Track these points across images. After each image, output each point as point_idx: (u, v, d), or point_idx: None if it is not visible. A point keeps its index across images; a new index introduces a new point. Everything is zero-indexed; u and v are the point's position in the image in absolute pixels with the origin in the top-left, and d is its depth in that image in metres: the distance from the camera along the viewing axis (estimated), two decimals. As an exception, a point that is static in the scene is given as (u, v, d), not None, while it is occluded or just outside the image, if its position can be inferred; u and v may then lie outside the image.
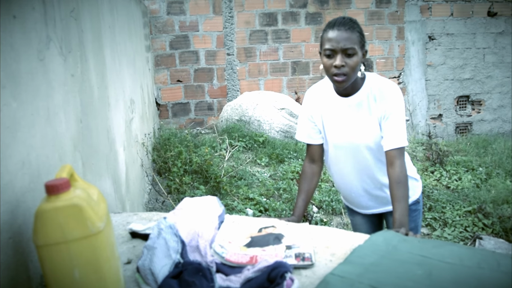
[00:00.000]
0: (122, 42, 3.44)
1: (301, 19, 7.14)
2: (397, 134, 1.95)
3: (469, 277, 1.12)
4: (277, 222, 1.57)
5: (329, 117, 2.10)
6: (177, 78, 6.87)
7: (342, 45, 1.86)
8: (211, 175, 4.28)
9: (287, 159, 5.24)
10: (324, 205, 4.35)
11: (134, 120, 3.68)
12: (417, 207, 2.27)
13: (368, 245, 1.35)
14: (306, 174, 2.19)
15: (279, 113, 5.89)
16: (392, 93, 1.98)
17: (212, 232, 1.40)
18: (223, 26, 6.92)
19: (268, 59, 7.13)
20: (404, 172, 1.92)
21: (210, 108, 7.05)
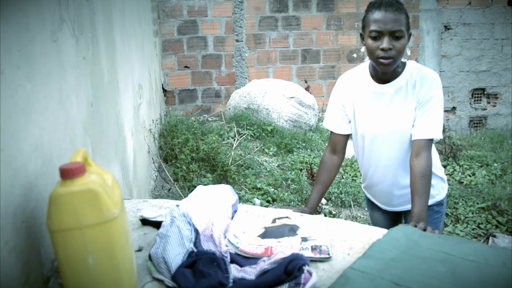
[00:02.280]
0: (132, 26, 3.43)
1: (312, 6, 7.09)
2: (431, 124, 1.90)
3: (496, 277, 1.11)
4: (291, 213, 1.57)
5: (362, 105, 2.04)
6: (184, 64, 6.86)
7: (390, 27, 1.81)
8: (219, 163, 4.29)
9: (295, 149, 5.23)
10: (333, 197, 4.35)
11: (142, 106, 3.68)
12: (440, 209, 2.21)
13: (388, 240, 1.34)
14: (325, 165, 2.13)
15: (288, 102, 5.87)
16: (434, 81, 1.92)
17: (226, 222, 1.40)
18: (232, 11, 6.89)
19: (278, 46, 7.09)
20: (429, 166, 1.87)
21: (217, 95, 7.04)
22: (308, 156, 4.97)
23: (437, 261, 1.21)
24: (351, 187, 4.45)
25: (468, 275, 1.12)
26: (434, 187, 2.13)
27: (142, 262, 1.22)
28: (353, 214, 4.20)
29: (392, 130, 1.99)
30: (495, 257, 1.22)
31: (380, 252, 1.27)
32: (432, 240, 1.35)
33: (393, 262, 1.20)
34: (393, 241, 1.33)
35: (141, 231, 1.42)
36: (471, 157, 5.58)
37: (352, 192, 4.38)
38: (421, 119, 1.91)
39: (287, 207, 1.95)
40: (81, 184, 0.92)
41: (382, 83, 1.98)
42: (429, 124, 1.89)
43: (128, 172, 2.73)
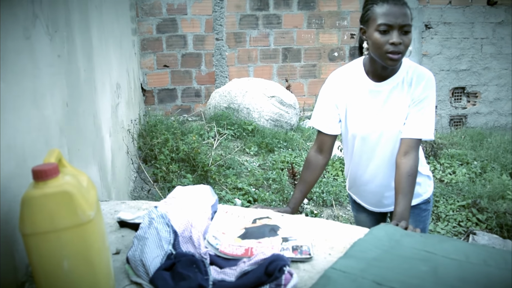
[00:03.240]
0: (109, 24, 3.40)
1: (293, 4, 7.10)
2: (422, 123, 1.88)
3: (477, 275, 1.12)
4: (272, 213, 1.56)
5: (356, 104, 2.00)
6: (164, 63, 6.82)
7: (400, 21, 1.77)
8: (199, 163, 4.27)
9: (276, 149, 5.24)
10: (315, 197, 4.36)
11: (120, 106, 3.65)
12: (427, 207, 2.20)
13: (370, 239, 1.34)
14: (310, 164, 2.08)
15: (269, 101, 5.88)
16: (430, 81, 1.90)
17: (205, 223, 1.39)
18: (212, 9, 6.87)
19: (259, 45, 7.09)
20: (417, 166, 1.86)
21: (197, 95, 7.01)
22: (290, 156, 4.98)
23: (419, 260, 1.21)
24: (332, 186, 4.47)
25: (450, 273, 1.13)
26: (421, 185, 2.13)
27: (120, 265, 1.20)
28: (334, 213, 4.22)
29: (385, 129, 1.97)
30: (476, 255, 1.23)
31: (362, 251, 1.27)
32: (414, 239, 1.36)
33: (375, 262, 1.20)
34: (375, 240, 1.34)
35: (119, 233, 1.40)
36: (451, 155, 5.64)
37: (333, 191, 4.40)
38: (414, 118, 1.89)
39: (268, 207, 1.93)
40: (55, 186, 0.90)
41: (378, 80, 1.95)
42: (421, 124, 1.88)
43: (106, 173, 2.70)
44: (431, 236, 1.48)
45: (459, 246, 1.30)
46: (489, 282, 1.10)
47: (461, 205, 4.53)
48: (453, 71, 7.78)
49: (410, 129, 1.89)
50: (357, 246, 1.30)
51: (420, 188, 2.11)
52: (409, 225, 1.64)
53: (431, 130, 1.89)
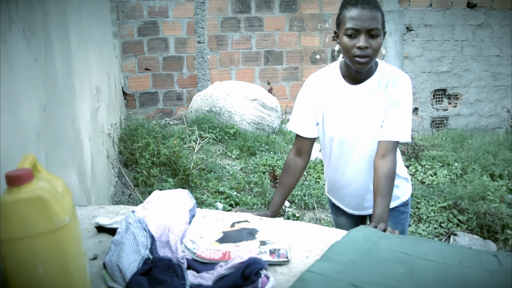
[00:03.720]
0: (89, 27, 3.39)
1: (275, 7, 7.14)
2: (399, 126, 1.89)
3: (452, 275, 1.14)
4: (251, 217, 1.57)
5: (333, 107, 2.01)
6: (145, 66, 6.80)
7: (366, 25, 1.77)
8: (180, 167, 4.27)
9: (258, 152, 5.25)
10: (297, 200, 4.38)
11: (100, 110, 3.63)
12: (406, 209, 2.22)
13: (347, 241, 1.35)
14: (289, 168, 2.09)
15: (251, 104, 5.89)
16: (406, 84, 1.92)
17: (183, 227, 1.39)
18: (194, 12, 6.87)
19: (240, 47, 7.11)
20: (394, 168, 1.87)
21: (179, 98, 7.00)
22: (271, 159, 5.00)
23: (396, 261, 1.22)
24: (314, 189, 4.50)
25: (426, 274, 1.14)
26: (399, 187, 2.15)
27: (97, 271, 1.20)
28: (316, 216, 4.24)
29: (362, 131, 1.98)
30: (453, 256, 1.25)
31: (339, 254, 1.28)
32: (391, 241, 1.37)
33: (352, 264, 1.21)
34: (352, 242, 1.35)
35: (97, 239, 1.40)
36: (432, 157, 5.70)
37: (315, 194, 4.42)
38: (390, 120, 1.90)
39: (249, 210, 1.94)
40: (29, 191, 0.90)
41: (354, 83, 1.97)
42: (398, 126, 1.89)
43: (86, 178, 2.69)
44: (408, 237, 1.49)
45: (436, 247, 1.31)
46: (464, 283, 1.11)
47: (442, 206, 4.58)
48: (434, 73, 7.88)
49: (387, 132, 1.90)
50: (334, 249, 1.31)
51: (398, 190, 2.13)
52: (388, 227, 1.65)
53: (408, 132, 1.91)
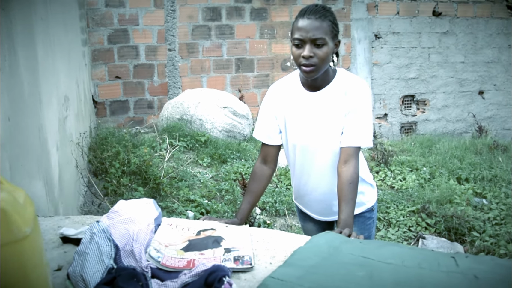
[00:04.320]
0: (56, 35, 3.37)
1: (245, 15, 7.19)
2: (359, 131, 1.93)
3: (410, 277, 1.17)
4: (217, 225, 1.60)
5: (294, 115, 2.05)
6: (115, 74, 6.77)
7: (311, 35, 1.83)
8: (151, 176, 4.26)
9: (229, 160, 5.27)
10: (268, 207, 4.41)
11: (68, 119, 3.61)
12: (371, 215, 2.25)
13: (309, 247, 1.38)
14: (256, 175, 2.13)
15: (222, 112, 5.92)
16: (363, 90, 1.96)
17: (148, 236, 1.41)
18: (164, 20, 6.88)
19: (211, 55, 7.14)
20: (357, 173, 1.90)
21: (150, 106, 6.98)
22: (243, 166, 5.03)
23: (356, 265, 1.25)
24: (285, 196, 4.54)
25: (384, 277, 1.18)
26: (365, 193, 2.19)
27: (61, 282, 1.20)
28: (287, 223, 4.28)
29: (323, 138, 2.02)
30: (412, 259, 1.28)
31: (301, 259, 1.30)
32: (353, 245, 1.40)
33: (313, 269, 1.24)
34: (315, 248, 1.37)
35: (61, 250, 1.40)
36: (402, 162, 5.81)
37: (286, 201, 4.46)
38: (350, 127, 1.94)
39: (217, 218, 1.96)
40: (-11, 203, 0.92)
41: (313, 90, 2.01)
42: (358, 132, 1.93)
43: (53, 188, 2.68)
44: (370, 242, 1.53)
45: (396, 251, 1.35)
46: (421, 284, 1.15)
47: (411, 210, 4.67)
48: (402, 79, 8.03)
49: (347, 138, 1.94)
50: (296, 255, 1.34)
51: (363, 196, 2.18)
52: (353, 232, 1.68)
53: (368, 138, 1.96)
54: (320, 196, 2.19)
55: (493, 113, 8.61)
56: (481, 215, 4.67)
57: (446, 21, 8.05)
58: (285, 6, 7.33)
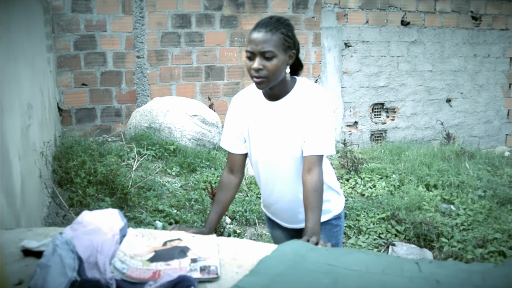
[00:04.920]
0: (19, 41, 3.31)
1: (216, 22, 7.19)
2: (320, 140, 1.96)
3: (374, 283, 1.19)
4: (183, 235, 1.59)
5: (256, 124, 2.08)
6: (82, 82, 6.67)
7: (260, 47, 1.86)
8: (118, 186, 4.20)
9: (199, 168, 5.25)
10: (238, 216, 4.40)
11: (32, 127, 3.54)
12: (338, 222, 2.28)
13: (276, 256, 1.39)
14: (223, 185, 2.16)
15: (191, 120, 5.89)
16: (322, 99, 1.99)
17: (113, 247, 1.38)
18: (133, 26, 6.83)
19: (181, 63, 7.11)
20: (321, 181, 1.93)
21: (118, 114, 6.90)
22: (212, 175, 5.01)
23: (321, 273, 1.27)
24: (255, 205, 4.53)
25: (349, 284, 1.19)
26: (331, 201, 2.22)
27: (21, 296, 1.18)
28: (258, 232, 4.27)
29: (284, 146, 2.05)
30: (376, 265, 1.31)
31: (267, 268, 1.31)
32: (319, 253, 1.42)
33: (279, 277, 1.25)
34: (281, 256, 1.38)
35: (23, 263, 1.37)
36: (372, 169, 5.87)
37: (256, 210, 4.46)
38: (312, 135, 1.97)
39: (186, 227, 1.95)
40: None
41: (273, 100, 2.05)
42: (320, 140, 1.96)
43: (15, 199, 2.61)
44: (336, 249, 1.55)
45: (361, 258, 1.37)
46: (385, 290, 1.18)
47: (381, 217, 4.73)
48: (372, 87, 8.15)
49: (310, 147, 1.97)
50: (262, 263, 1.35)
51: (330, 204, 2.20)
52: (320, 239, 1.70)
53: (331, 145, 1.99)
54: (286, 205, 2.21)
55: (460, 121, 8.81)
56: (449, 221, 4.77)
57: (414, 31, 8.22)
58: (255, 14, 7.36)
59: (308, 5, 7.63)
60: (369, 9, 7.96)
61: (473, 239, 4.39)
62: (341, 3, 7.81)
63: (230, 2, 7.23)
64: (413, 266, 1.31)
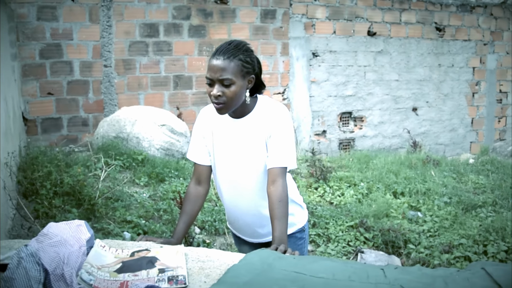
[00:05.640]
0: (-18, 50, 3.26)
1: (184, 31, 7.20)
2: (281, 153, 2.02)
3: None
4: (151, 245, 1.59)
5: (220, 139, 2.14)
6: (48, 91, 6.57)
7: (218, 75, 1.91)
8: (85, 197, 4.15)
9: (168, 178, 5.22)
10: (207, 226, 4.39)
11: (-5, 138, 3.48)
12: (302, 235, 2.34)
13: (243, 264, 1.41)
14: (190, 196, 2.19)
15: (159, 130, 5.86)
16: (281, 115, 2.06)
17: (79, 259, 1.38)
18: (100, 35, 6.77)
19: (149, 72, 7.08)
20: (286, 192, 1.98)
21: (84, 124, 6.82)
22: (181, 185, 4.99)
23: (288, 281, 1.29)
24: (224, 215, 4.52)
25: (315, 291, 1.22)
26: (295, 215, 2.27)
27: (-16, 310, 1.16)
28: (227, 241, 4.27)
29: (248, 163, 2.11)
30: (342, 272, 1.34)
31: (234, 277, 1.33)
32: (286, 262, 1.44)
33: (246, 286, 1.27)
34: (248, 265, 1.40)
35: (-15, 277, 1.35)
36: (340, 178, 5.93)
37: (226, 219, 4.45)
38: (274, 149, 2.03)
39: (154, 238, 1.96)
40: None
41: (237, 117, 2.10)
42: (282, 154, 2.03)
43: (-22, 211, 2.56)
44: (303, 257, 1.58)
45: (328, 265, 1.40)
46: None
47: (350, 225, 4.78)
48: (340, 96, 8.26)
49: (273, 160, 2.03)
50: (230, 272, 1.37)
51: (294, 217, 2.24)
52: (288, 248, 1.73)
53: (293, 159, 2.06)
54: (250, 219, 2.25)
55: (426, 129, 9.00)
56: (416, 228, 4.85)
57: (380, 41, 8.39)
58: (223, 23, 7.40)
59: (276, 15, 7.71)
60: (336, 20, 8.09)
61: (440, 245, 4.48)
62: (309, 13, 7.92)
63: (198, 11, 7.25)
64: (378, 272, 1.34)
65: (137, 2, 6.91)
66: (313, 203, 5.19)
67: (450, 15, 8.94)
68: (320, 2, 7.99)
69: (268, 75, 7.67)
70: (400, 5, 8.51)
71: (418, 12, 8.67)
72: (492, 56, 9.43)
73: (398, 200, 5.46)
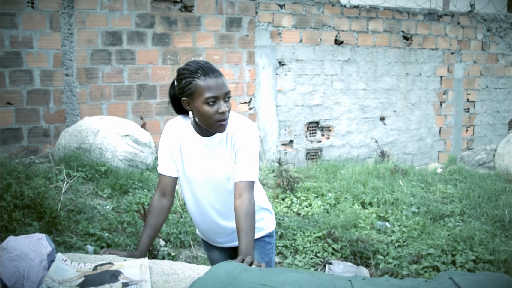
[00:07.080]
0: None
1: (148, 40, 7.20)
2: (248, 167, 2.09)
3: None
4: (114, 259, 1.61)
5: (189, 154, 2.19)
6: (6, 100, 6.47)
7: (224, 90, 2.01)
8: (46, 209, 4.11)
9: (132, 190, 5.20)
10: (172, 238, 4.39)
11: (-49, 150, 3.43)
12: (271, 240, 2.43)
13: (208, 277, 1.43)
14: (154, 208, 2.21)
15: (123, 140, 5.84)
16: (248, 130, 2.14)
17: (40, 273, 1.39)
18: (61, 43, 6.72)
19: (112, 81, 7.05)
20: (252, 205, 2.04)
21: (45, 135, 6.74)
22: (145, 197, 4.98)
23: None
24: (190, 227, 4.54)
25: (282, 303, 1.26)
26: (264, 219, 2.38)
27: None
28: (193, 254, 4.28)
29: (216, 176, 2.19)
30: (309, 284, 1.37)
31: (199, 290, 1.35)
32: (252, 274, 1.47)
33: (212, 299, 1.30)
34: (213, 278, 1.43)
35: None
36: (307, 188, 5.98)
37: (191, 231, 4.47)
38: (240, 163, 2.11)
39: (118, 251, 1.97)
40: None
41: (206, 135, 2.16)
42: (248, 168, 2.10)
43: None
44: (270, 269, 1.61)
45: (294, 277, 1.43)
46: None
47: (318, 236, 4.82)
48: (307, 106, 8.36)
49: (239, 174, 2.10)
50: (195, 285, 1.38)
51: (263, 222, 2.37)
52: (255, 260, 1.79)
53: (256, 173, 2.13)
54: (220, 230, 2.34)
55: (394, 138, 9.18)
56: (385, 238, 4.91)
57: (347, 50, 8.54)
58: (188, 32, 7.43)
59: (241, 23, 7.78)
60: (302, 28, 8.21)
61: (408, 255, 4.55)
62: (275, 22, 8.02)
63: (162, 19, 7.26)
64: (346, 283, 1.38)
65: (100, 10, 6.89)
66: (280, 214, 5.23)
67: (417, 24, 9.17)
68: (287, 10, 8.10)
69: (234, 85, 7.73)
70: (367, 14, 8.70)
71: (385, 21, 8.87)
72: (459, 65, 9.70)
73: (366, 210, 5.53)
